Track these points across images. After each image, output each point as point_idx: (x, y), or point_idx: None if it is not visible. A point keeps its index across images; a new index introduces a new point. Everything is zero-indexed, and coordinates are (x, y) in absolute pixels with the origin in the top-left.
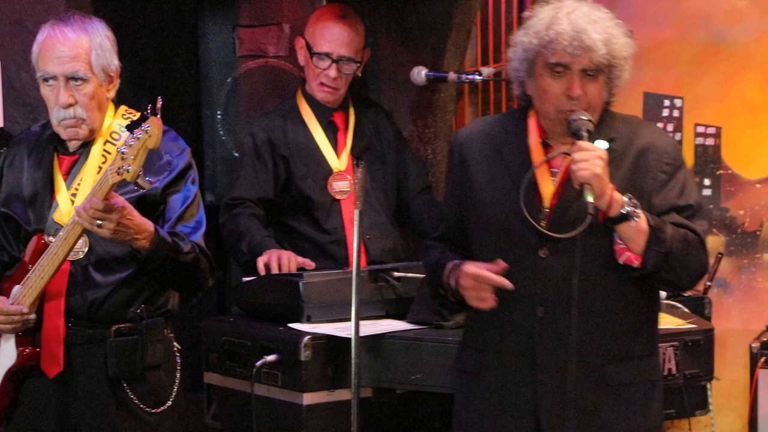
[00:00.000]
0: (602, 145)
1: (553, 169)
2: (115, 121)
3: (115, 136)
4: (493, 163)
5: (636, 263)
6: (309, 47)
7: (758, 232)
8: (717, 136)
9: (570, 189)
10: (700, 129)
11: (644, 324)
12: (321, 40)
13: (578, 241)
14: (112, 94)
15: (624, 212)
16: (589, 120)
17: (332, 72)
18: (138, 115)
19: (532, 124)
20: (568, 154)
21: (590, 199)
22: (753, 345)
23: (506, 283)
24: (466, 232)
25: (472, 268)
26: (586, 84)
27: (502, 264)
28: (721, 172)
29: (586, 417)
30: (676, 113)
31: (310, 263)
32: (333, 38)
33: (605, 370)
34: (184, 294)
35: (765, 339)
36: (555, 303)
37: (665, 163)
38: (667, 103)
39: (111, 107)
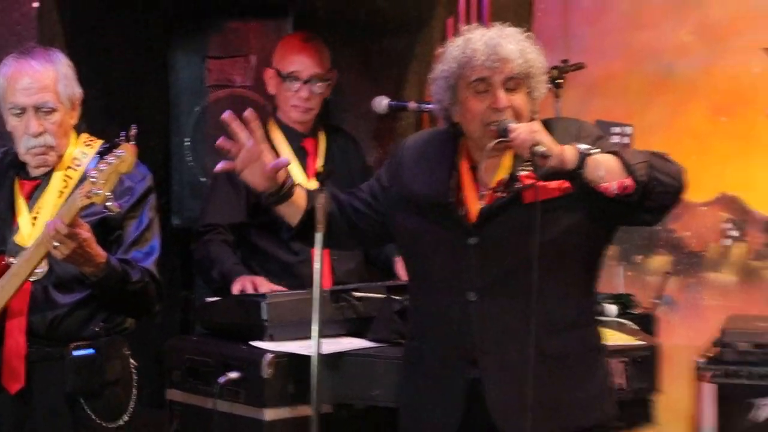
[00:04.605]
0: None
1: (480, 192)
2: (77, 148)
3: (76, 162)
4: (426, 164)
5: (628, 182)
6: (279, 73)
7: (704, 253)
8: None
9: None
10: None
11: (581, 294)
12: (289, 63)
13: (506, 224)
14: (75, 121)
15: (581, 151)
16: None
17: (304, 93)
18: (99, 142)
19: (463, 148)
20: (507, 141)
21: (542, 148)
22: (698, 360)
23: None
24: (361, 217)
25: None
26: (510, 97)
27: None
28: None
29: (528, 391)
30: (626, 140)
31: (282, 289)
32: (301, 59)
33: (543, 342)
34: (129, 317)
35: (709, 354)
36: (486, 286)
37: (586, 139)
38: (617, 130)
39: (74, 134)
